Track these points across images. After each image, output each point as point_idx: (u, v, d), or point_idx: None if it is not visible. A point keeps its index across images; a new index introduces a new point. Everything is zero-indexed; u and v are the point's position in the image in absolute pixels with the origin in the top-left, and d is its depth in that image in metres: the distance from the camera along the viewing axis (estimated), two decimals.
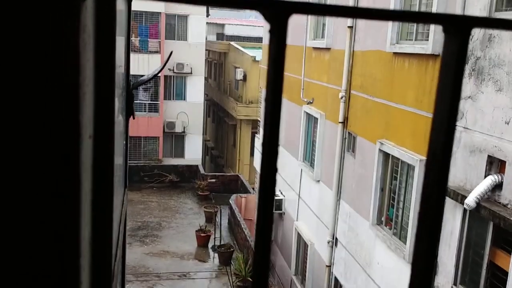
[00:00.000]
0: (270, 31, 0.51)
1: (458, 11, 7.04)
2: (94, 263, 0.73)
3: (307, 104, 13.06)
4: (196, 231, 18.55)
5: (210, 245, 18.34)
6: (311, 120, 13.19)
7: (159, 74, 26.13)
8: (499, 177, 6.27)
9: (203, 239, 18.31)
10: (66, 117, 0.49)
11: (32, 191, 0.50)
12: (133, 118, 1.69)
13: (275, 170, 0.51)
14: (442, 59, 0.57)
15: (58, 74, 0.47)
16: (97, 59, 0.67)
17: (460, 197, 6.75)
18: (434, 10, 7.66)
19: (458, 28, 0.56)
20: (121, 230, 1.30)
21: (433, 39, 7.65)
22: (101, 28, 0.65)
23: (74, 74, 0.47)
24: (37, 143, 0.49)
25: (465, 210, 6.77)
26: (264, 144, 0.52)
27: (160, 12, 26.17)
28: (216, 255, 17.46)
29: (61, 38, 0.46)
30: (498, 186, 6.29)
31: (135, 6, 27.26)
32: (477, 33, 6.65)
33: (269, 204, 0.50)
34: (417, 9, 8.45)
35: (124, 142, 1.66)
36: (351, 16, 0.54)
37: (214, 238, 18.23)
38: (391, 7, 8.89)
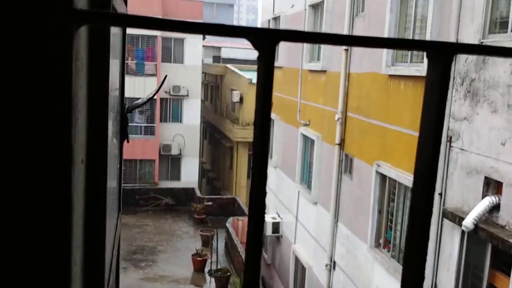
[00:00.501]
0: (258, 58, 0.52)
1: (452, 33, 7.14)
2: None
3: (304, 126, 13.11)
4: (192, 255, 18.36)
5: (206, 269, 18.14)
6: (308, 142, 13.21)
7: (155, 97, 26.22)
8: (497, 198, 6.27)
9: (199, 264, 18.12)
10: (58, 142, 0.49)
11: (22, 216, 0.50)
12: (127, 141, 1.70)
13: (264, 193, 0.51)
14: (426, 84, 0.58)
15: (50, 101, 0.47)
16: (91, 84, 0.68)
17: (458, 219, 6.73)
18: (428, 32, 7.76)
19: (441, 54, 0.57)
20: (114, 254, 1.29)
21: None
22: (94, 55, 0.66)
23: (66, 101, 0.48)
24: (29, 168, 0.50)
25: (463, 232, 6.74)
26: (254, 169, 0.53)
27: (157, 36, 26.40)
28: (213, 279, 17.25)
29: (54, 66, 0.47)
30: (495, 208, 6.28)
31: (131, 30, 27.53)
32: (471, 55, 6.73)
33: (259, 230, 0.51)
34: (411, 32, 8.56)
35: (118, 165, 1.66)
36: (337, 43, 0.55)
37: (211, 262, 18.04)
38: (386, 30, 9.01)
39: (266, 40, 0.52)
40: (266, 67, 0.53)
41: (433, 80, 0.57)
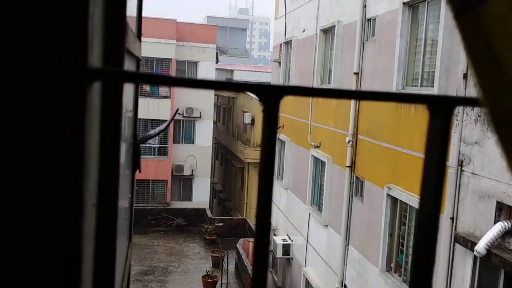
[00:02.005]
0: (263, 111, 0.55)
1: (462, 58, 7.14)
2: None
3: (315, 148, 13.11)
4: (202, 276, 18.26)
5: None
6: (319, 164, 13.19)
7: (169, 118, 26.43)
8: (509, 223, 6.19)
9: (210, 285, 18.00)
10: (69, 190, 0.52)
11: (32, 261, 0.52)
12: (139, 172, 1.73)
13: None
14: (427, 136, 0.60)
15: (62, 154, 0.50)
16: (104, 131, 0.71)
17: (470, 244, 6.65)
18: (438, 56, 7.78)
19: (441, 107, 0.58)
20: (124, 285, 1.31)
21: (439, 85, 7.74)
22: (108, 106, 0.69)
23: (78, 153, 0.51)
24: (41, 212, 0.52)
25: (475, 257, 6.65)
26: (257, 224, 0.55)
27: (171, 59, 26.73)
28: None
29: (67, 121, 0.50)
30: (508, 233, 6.20)
31: (146, 53, 27.74)
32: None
33: (265, 250, 0.52)
34: (421, 56, 8.58)
35: (130, 195, 1.69)
36: (340, 97, 0.57)
37: (221, 284, 17.92)
38: (396, 54, 9.04)
39: (271, 95, 0.55)
40: (270, 120, 0.55)
41: (434, 132, 0.59)
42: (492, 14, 0.43)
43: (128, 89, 1.45)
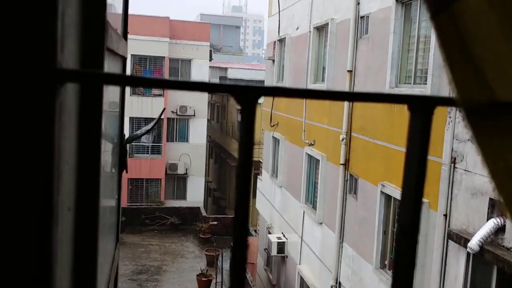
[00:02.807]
0: (240, 112, 0.54)
1: None
2: None
3: (309, 146, 13.11)
4: (197, 275, 18.25)
5: None
6: (313, 162, 13.20)
7: (162, 117, 26.37)
8: (502, 220, 6.22)
9: (204, 284, 17.99)
10: (38, 194, 0.50)
11: (2, 269, 0.51)
12: (126, 172, 1.71)
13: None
14: (408, 135, 0.59)
15: (30, 157, 0.48)
16: (82, 135, 0.70)
17: (463, 241, 6.67)
18: (431, 54, 7.79)
19: (422, 107, 0.58)
20: (110, 287, 1.30)
21: (432, 83, 7.75)
22: (85, 108, 0.68)
23: (47, 156, 0.49)
24: (7, 217, 0.50)
25: (468, 254, 6.68)
26: (235, 225, 0.54)
27: (164, 57, 26.66)
28: None
29: (35, 123, 0.48)
30: (501, 229, 6.23)
31: (139, 51, 27.59)
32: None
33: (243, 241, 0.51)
34: (414, 53, 8.60)
35: (117, 197, 1.67)
36: (318, 98, 0.56)
37: (216, 282, 17.91)
38: (389, 51, 9.05)
39: (247, 96, 0.54)
40: (247, 120, 0.55)
41: (414, 132, 0.58)
42: (466, 11, 0.43)
43: (114, 89, 1.44)
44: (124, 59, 1.59)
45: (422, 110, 0.58)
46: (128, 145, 1.91)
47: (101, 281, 1.04)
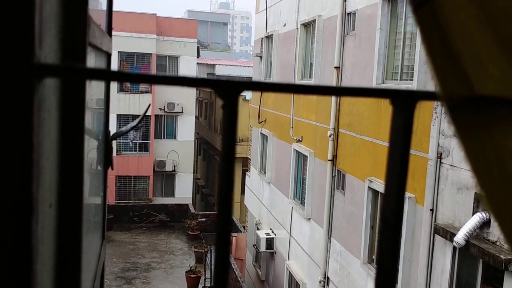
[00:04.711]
0: (222, 107, 0.54)
1: None
2: None
3: (297, 142, 13.14)
4: (186, 272, 18.23)
5: (200, 286, 17.99)
6: (301, 158, 13.23)
7: (150, 114, 26.26)
8: (487, 214, 6.29)
9: (193, 281, 17.97)
10: (16, 191, 0.49)
11: None
12: (112, 169, 1.70)
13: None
14: (390, 129, 0.59)
15: (8, 152, 0.48)
16: (64, 131, 0.69)
17: (449, 235, 6.74)
18: (417, 50, 7.84)
19: (404, 102, 0.58)
20: (96, 286, 1.29)
21: (418, 79, 7.80)
22: (66, 104, 0.67)
23: (25, 152, 0.48)
24: None
25: (454, 248, 6.75)
26: (218, 216, 0.54)
27: (151, 53, 26.52)
28: None
29: (12, 120, 0.47)
30: (486, 223, 6.30)
31: (126, 48, 27.38)
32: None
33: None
34: (401, 50, 8.64)
35: (103, 193, 1.66)
36: (295, 92, 0.56)
37: (205, 279, 17.91)
38: (376, 48, 9.09)
39: (229, 90, 0.54)
40: (229, 115, 0.54)
41: (397, 126, 0.59)
42: (446, 5, 0.43)
43: (98, 85, 1.42)
44: (108, 55, 1.58)
45: (404, 104, 0.58)
46: (115, 142, 1.90)
47: (87, 278, 1.03)
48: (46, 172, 0.59)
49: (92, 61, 1.09)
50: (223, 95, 0.54)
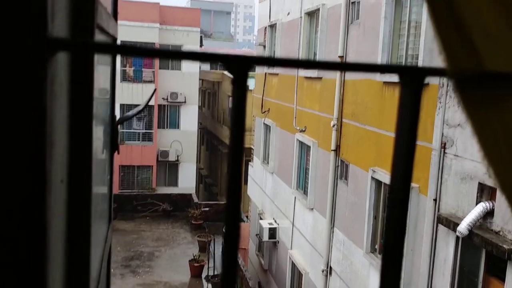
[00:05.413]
0: (233, 82, 0.54)
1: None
2: None
3: (300, 132, 13.13)
4: (189, 261, 18.34)
5: (203, 275, 18.11)
6: (304, 148, 13.23)
7: (153, 103, 26.26)
8: (491, 204, 6.29)
9: (196, 269, 18.09)
10: (31, 165, 0.50)
11: None
12: (118, 153, 1.71)
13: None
14: (398, 107, 0.59)
15: (22, 125, 0.48)
16: (73, 105, 0.70)
17: (452, 225, 6.75)
18: (422, 39, 7.81)
19: (412, 78, 0.58)
20: (103, 267, 1.30)
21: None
22: (77, 75, 0.67)
23: (39, 127, 0.49)
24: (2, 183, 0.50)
25: (457, 237, 6.76)
26: (228, 192, 0.55)
27: (154, 43, 26.45)
28: (210, 285, 17.23)
29: (27, 93, 0.48)
30: (489, 213, 6.30)
31: (129, 37, 27.33)
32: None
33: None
34: (405, 38, 8.60)
35: (109, 176, 1.67)
36: (307, 67, 0.56)
37: (208, 268, 18.02)
38: (380, 37, 9.05)
39: (239, 65, 0.54)
40: (239, 89, 0.55)
41: (405, 103, 0.59)
42: None
43: (105, 70, 1.43)
44: (114, 39, 1.58)
45: (412, 80, 0.58)
46: (119, 129, 1.91)
47: (95, 257, 1.04)
48: (57, 147, 0.60)
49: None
50: (233, 69, 0.54)
